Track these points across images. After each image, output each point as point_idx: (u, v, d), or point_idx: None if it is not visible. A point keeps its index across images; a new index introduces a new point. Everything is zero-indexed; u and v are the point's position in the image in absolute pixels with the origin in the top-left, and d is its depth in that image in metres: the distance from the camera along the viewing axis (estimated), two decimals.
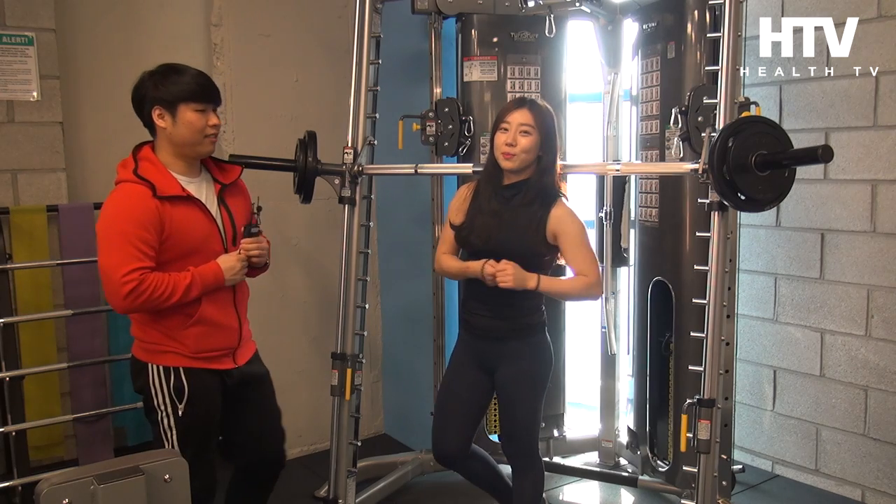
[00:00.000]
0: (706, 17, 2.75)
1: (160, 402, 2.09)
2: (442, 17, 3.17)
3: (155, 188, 2.01)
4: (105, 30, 3.24)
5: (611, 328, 3.32)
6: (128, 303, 1.96)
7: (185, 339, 2.09)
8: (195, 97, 2.06)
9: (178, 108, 2.05)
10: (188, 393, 2.09)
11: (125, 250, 1.95)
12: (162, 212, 2.00)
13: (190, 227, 2.07)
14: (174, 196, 2.04)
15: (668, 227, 2.96)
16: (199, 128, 2.07)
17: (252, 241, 2.19)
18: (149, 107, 2.06)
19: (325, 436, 2.77)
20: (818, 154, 1.91)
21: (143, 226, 1.97)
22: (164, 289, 1.99)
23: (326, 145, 2.70)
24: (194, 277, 2.04)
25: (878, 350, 2.98)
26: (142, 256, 1.97)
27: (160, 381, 2.09)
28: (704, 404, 2.17)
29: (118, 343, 3.19)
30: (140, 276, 1.95)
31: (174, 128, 2.06)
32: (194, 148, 2.10)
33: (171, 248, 2.03)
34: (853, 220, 3.01)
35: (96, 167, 3.26)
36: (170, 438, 2.10)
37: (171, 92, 2.04)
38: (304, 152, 2.62)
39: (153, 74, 2.08)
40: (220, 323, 2.14)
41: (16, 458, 2.88)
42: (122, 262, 1.94)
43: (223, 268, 2.10)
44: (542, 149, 2.24)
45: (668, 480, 3.02)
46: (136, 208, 1.98)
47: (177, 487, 1.52)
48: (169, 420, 2.09)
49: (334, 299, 2.74)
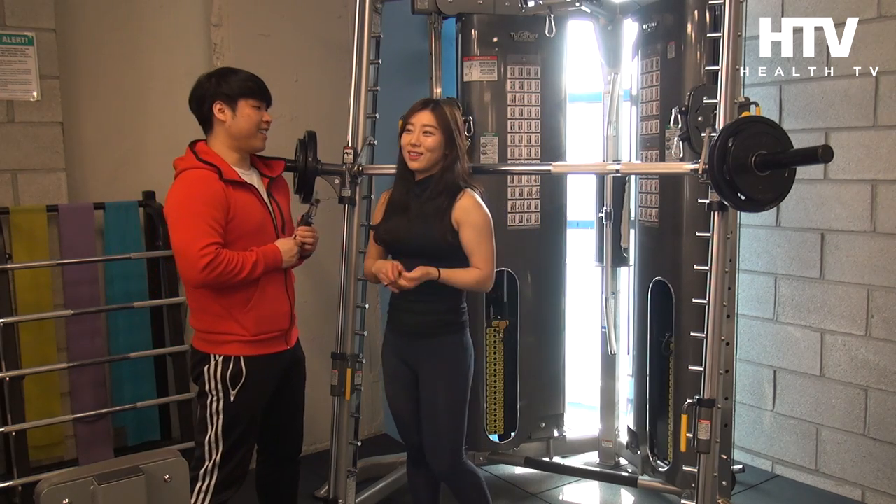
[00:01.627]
0: (706, 17, 2.75)
1: (213, 388, 2.20)
2: (442, 17, 3.17)
3: (221, 171, 2.15)
4: (105, 30, 3.24)
5: (611, 328, 3.32)
6: (204, 275, 2.06)
7: (246, 321, 2.20)
8: (254, 94, 2.24)
9: (238, 103, 2.21)
10: (244, 379, 2.20)
11: (200, 227, 2.07)
12: (227, 194, 2.14)
13: (250, 212, 2.20)
14: (236, 181, 2.18)
15: (668, 227, 2.96)
16: (256, 121, 2.24)
17: (307, 229, 2.34)
18: (210, 102, 2.21)
19: (325, 436, 2.77)
20: (818, 154, 1.92)
21: (213, 205, 2.11)
22: (236, 264, 2.11)
23: (326, 145, 2.70)
24: (258, 256, 2.17)
25: (878, 350, 2.98)
26: (214, 233, 2.09)
27: (217, 369, 2.19)
28: (704, 404, 2.17)
29: (118, 343, 3.20)
30: (216, 251, 2.07)
31: (234, 121, 2.21)
32: (249, 141, 2.26)
33: (233, 230, 2.15)
34: (853, 220, 3.01)
35: (96, 167, 3.26)
36: (216, 423, 2.20)
37: (233, 88, 2.21)
38: (304, 152, 2.63)
39: (211, 76, 2.25)
40: (275, 304, 2.26)
41: (16, 458, 2.88)
42: (198, 237, 2.06)
43: (282, 250, 2.24)
44: (445, 147, 2.30)
45: (668, 480, 3.02)
46: (207, 189, 2.12)
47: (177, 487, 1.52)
48: (219, 405, 2.20)
49: (334, 299, 2.74)
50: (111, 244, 3.16)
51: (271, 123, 2.32)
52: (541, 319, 3.32)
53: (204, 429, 2.22)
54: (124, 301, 3.14)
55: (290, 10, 3.44)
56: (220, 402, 2.20)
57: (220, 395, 2.20)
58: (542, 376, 3.34)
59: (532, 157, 3.22)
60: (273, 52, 3.40)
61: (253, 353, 2.21)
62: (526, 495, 3.18)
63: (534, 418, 3.34)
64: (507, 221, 3.17)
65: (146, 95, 3.29)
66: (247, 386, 2.20)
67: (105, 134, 3.25)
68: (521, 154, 3.21)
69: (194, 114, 2.27)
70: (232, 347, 2.20)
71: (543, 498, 3.17)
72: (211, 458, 2.20)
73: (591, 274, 3.41)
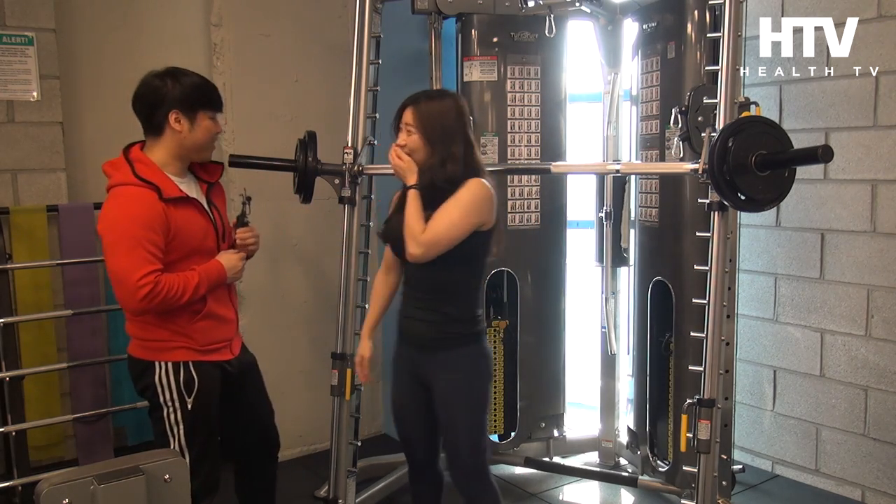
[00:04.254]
0: (706, 17, 2.75)
1: (168, 399, 2.10)
2: (442, 17, 3.17)
3: (161, 191, 2.03)
4: (105, 30, 3.24)
5: (611, 328, 3.32)
6: (143, 305, 1.98)
7: (194, 333, 2.12)
8: (212, 104, 2.13)
9: (198, 115, 2.09)
10: (198, 385, 2.12)
11: (137, 254, 1.96)
12: (167, 214, 2.03)
13: (191, 227, 2.10)
14: (177, 198, 2.07)
15: (668, 227, 2.96)
16: (213, 133, 2.15)
17: (246, 230, 2.27)
18: (166, 109, 2.06)
19: (325, 436, 2.77)
20: (818, 154, 1.92)
21: (152, 229, 1.99)
22: (177, 289, 2.02)
23: (326, 145, 2.70)
24: (201, 276, 2.08)
25: (878, 350, 2.98)
26: (153, 259, 1.98)
27: (168, 378, 2.10)
28: (704, 404, 2.17)
29: (118, 343, 3.19)
30: (154, 279, 1.97)
31: (190, 133, 2.09)
32: (200, 153, 2.16)
33: (175, 249, 2.06)
34: (853, 220, 3.01)
35: (96, 167, 3.20)
36: (176, 434, 2.11)
37: (191, 97, 2.08)
38: (304, 152, 2.62)
39: (163, 78, 2.09)
40: (222, 316, 2.19)
41: (16, 458, 2.88)
42: (135, 266, 1.96)
43: (226, 266, 2.16)
44: (428, 145, 2.12)
45: (668, 480, 3.02)
46: (145, 212, 1.99)
47: (177, 487, 1.53)
48: (177, 415, 2.11)
49: (334, 299, 2.74)
50: None
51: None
52: (541, 319, 3.32)
53: (165, 443, 2.10)
54: None
55: (290, 10, 3.44)
56: (178, 412, 2.10)
57: (176, 405, 2.10)
58: (542, 376, 3.34)
59: (532, 157, 3.22)
60: (273, 52, 3.40)
61: (200, 359, 2.13)
62: (526, 495, 3.18)
63: (534, 418, 3.34)
64: (507, 221, 3.17)
65: None
66: (202, 392, 2.12)
67: (105, 134, 3.25)
68: (521, 154, 3.21)
69: (140, 117, 2.11)
70: (180, 353, 2.11)
71: (543, 498, 3.16)
72: None
73: (591, 274, 3.41)
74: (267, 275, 3.42)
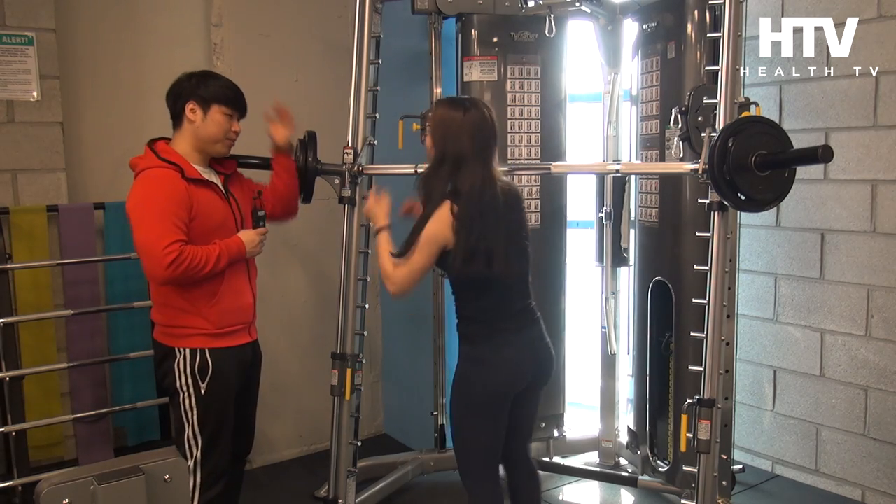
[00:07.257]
0: (706, 17, 2.75)
1: (183, 384, 2.22)
2: (442, 17, 3.17)
3: (183, 170, 2.18)
4: (105, 30, 3.24)
5: (611, 328, 3.32)
6: (169, 272, 2.07)
7: (210, 314, 2.22)
8: (228, 101, 2.27)
9: (211, 107, 2.24)
10: (212, 370, 2.22)
11: (163, 225, 2.09)
12: (190, 192, 2.16)
13: (211, 209, 2.23)
14: (198, 179, 2.21)
15: (668, 227, 2.96)
16: (225, 129, 2.27)
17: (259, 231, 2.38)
18: (184, 100, 2.24)
19: (325, 436, 2.77)
20: (818, 154, 1.92)
21: (176, 202, 2.13)
22: (200, 258, 2.13)
23: (326, 145, 2.70)
24: (222, 248, 2.20)
25: (878, 350, 2.98)
26: (177, 231, 2.11)
27: (184, 363, 2.21)
28: (704, 404, 2.17)
29: (118, 343, 3.19)
30: (179, 248, 2.09)
31: (203, 123, 2.24)
32: (213, 146, 2.28)
33: (196, 227, 2.18)
34: (853, 220, 3.01)
35: (96, 167, 3.26)
36: (191, 420, 2.22)
37: (209, 91, 2.24)
38: (304, 152, 2.63)
39: (192, 75, 2.27)
40: (239, 297, 2.30)
41: (16, 458, 2.88)
42: (162, 235, 2.08)
43: (245, 241, 2.28)
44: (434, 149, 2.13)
45: (668, 480, 3.02)
46: (170, 188, 2.14)
47: (177, 487, 1.53)
48: (191, 400, 2.22)
49: (334, 299, 2.74)
50: (111, 244, 3.16)
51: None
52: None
53: (182, 428, 2.23)
54: (124, 301, 3.14)
55: (290, 10, 3.44)
56: (192, 397, 2.22)
57: (191, 391, 2.21)
58: None
59: (532, 157, 3.22)
60: (273, 52, 3.40)
61: (217, 345, 2.24)
62: None
63: None
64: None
65: (146, 96, 3.29)
66: (215, 377, 2.23)
67: (105, 134, 3.25)
68: (521, 154, 3.21)
69: (169, 108, 2.29)
70: (196, 340, 2.22)
71: (543, 498, 3.16)
72: (192, 456, 2.21)
73: (591, 274, 3.41)
74: (267, 275, 3.41)
